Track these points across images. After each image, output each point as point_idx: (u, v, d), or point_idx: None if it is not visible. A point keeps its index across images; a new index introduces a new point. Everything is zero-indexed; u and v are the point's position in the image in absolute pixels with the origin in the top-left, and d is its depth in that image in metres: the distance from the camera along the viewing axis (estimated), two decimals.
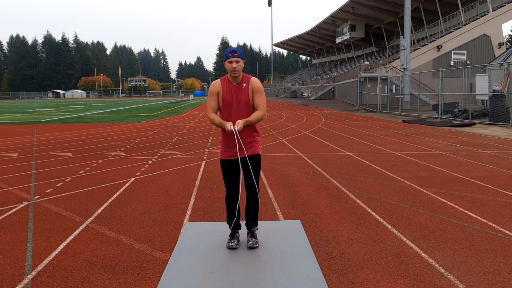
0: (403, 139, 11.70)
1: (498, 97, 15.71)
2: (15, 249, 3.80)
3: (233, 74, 3.42)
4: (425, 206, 5.01)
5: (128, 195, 5.72)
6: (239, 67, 3.40)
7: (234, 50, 3.43)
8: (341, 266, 3.32)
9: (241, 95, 3.46)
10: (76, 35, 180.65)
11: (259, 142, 3.58)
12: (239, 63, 3.40)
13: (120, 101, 67.48)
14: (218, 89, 3.49)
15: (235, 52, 3.41)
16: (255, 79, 3.55)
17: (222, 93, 3.48)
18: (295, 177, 6.73)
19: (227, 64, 3.43)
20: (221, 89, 3.49)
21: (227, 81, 3.51)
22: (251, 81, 3.51)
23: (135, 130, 15.77)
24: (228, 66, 3.42)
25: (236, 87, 3.48)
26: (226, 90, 3.48)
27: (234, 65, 3.38)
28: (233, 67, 3.38)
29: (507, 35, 66.92)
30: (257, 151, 3.54)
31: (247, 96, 3.46)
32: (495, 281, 3.05)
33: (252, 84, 3.49)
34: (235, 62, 3.39)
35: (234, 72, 3.40)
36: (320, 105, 35.03)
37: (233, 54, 3.39)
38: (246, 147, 3.48)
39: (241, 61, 3.42)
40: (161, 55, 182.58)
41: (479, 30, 34.83)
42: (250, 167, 3.47)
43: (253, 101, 3.50)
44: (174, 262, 3.32)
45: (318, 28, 69.14)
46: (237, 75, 3.43)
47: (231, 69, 3.40)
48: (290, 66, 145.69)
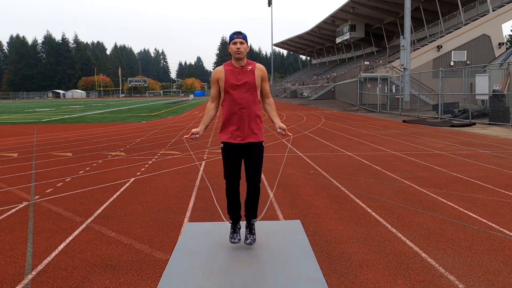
0: (403, 139, 11.70)
1: (498, 97, 15.71)
2: (15, 249, 3.80)
3: (237, 55, 3.34)
4: (425, 206, 5.01)
5: (128, 195, 5.72)
6: (243, 48, 3.35)
7: (239, 32, 3.39)
8: (341, 266, 3.32)
9: (247, 77, 3.38)
10: (76, 35, 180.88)
11: (262, 130, 3.49)
12: (243, 44, 3.35)
13: (120, 101, 67.48)
14: (219, 75, 3.43)
15: (240, 34, 3.37)
16: (261, 65, 3.51)
17: (225, 75, 3.40)
18: (295, 177, 6.73)
19: (231, 46, 3.36)
20: (223, 73, 3.42)
21: (230, 65, 3.44)
22: (258, 66, 3.46)
23: (135, 130, 15.77)
24: (232, 47, 3.35)
25: (240, 70, 3.40)
26: (229, 72, 3.40)
27: (238, 46, 3.32)
28: (237, 47, 3.32)
29: (507, 35, 66.94)
30: (260, 138, 3.45)
31: (253, 78, 3.39)
32: (495, 281, 3.05)
33: (261, 70, 3.46)
34: (239, 43, 3.33)
35: (238, 52, 3.33)
36: (320, 105, 35.04)
37: (237, 35, 3.35)
38: (250, 134, 3.41)
39: (245, 43, 3.37)
40: (161, 55, 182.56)
41: (479, 30, 34.83)
42: (252, 155, 3.42)
43: (262, 89, 3.49)
44: (174, 262, 3.32)
45: (318, 28, 69.13)
46: (242, 56, 3.35)
47: (235, 49, 3.33)
48: (290, 66, 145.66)
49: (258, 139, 3.44)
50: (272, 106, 3.57)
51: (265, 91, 3.52)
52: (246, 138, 3.41)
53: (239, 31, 3.40)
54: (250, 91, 3.39)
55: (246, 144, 3.42)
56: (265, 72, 3.49)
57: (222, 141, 3.47)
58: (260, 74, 3.45)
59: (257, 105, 3.46)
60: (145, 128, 16.61)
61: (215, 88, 3.49)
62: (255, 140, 3.42)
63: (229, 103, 3.40)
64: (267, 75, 3.53)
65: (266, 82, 3.51)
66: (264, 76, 3.48)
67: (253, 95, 3.41)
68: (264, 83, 3.50)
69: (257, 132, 3.44)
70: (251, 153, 3.43)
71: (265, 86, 3.51)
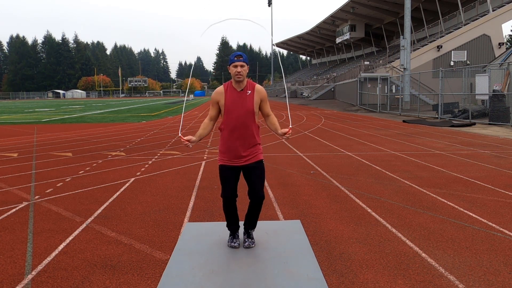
0: (403, 139, 11.70)
1: (498, 97, 15.71)
2: (15, 249, 3.80)
3: (238, 79, 3.37)
4: (425, 206, 5.01)
5: (128, 195, 5.72)
6: (243, 71, 3.36)
7: (240, 54, 3.39)
8: (341, 266, 3.32)
9: (245, 102, 3.41)
10: (76, 35, 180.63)
11: (260, 150, 3.54)
12: (244, 67, 3.37)
13: (120, 101, 67.48)
14: (219, 97, 3.45)
15: (241, 56, 3.38)
16: (260, 86, 3.52)
17: (225, 100, 3.42)
18: (295, 177, 6.73)
19: (231, 68, 3.38)
20: (223, 96, 3.44)
21: (230, 87, 3.46)
22: (257, 89, 3.47)
23: (135, 130, 15.77)
24: (232, 70, 3.37)
25: (239, 94, 3.42)
26: (230, 96, 3.42)
27: (239, 69, 3.34)
28: (237, 71, 3.34)
29: (507, 35, 66.93)
30: (259, 158, 3.49)
31: (251, 104, 3.41)
32: (495, 281, 3.05)
33: (259, 93, 3.47)
34: (240, 66, 3.35)
35: (238, 76, 3.35)
36: (320, 105, 35.04)
37: (238, 58, 3.36)
38: (247, 156, 3.45)
39: (245, 65, 3.39)
40: (161, 55, 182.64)
41: (479, 30, 34.83)
42: (253, 174, 3.44)
43: (262, 110, 3.53)
44: (174, 262, 3.32)
45: (318, 28, 69.13)
46: (242, 79, 3.38)
47: (235, 73, 3.35)
48: (290, 66, 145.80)
49: (256, 158, 3.48)
50: (275, 124, 3.57)
51: (265, 111, 3.54)
52: (244, 161, 3.45)
53: (240, 54, 3.41)
54: (248, 117, 3.42)
55: (244, 166, 3.45)
56: (264, 94, 3.51)
57: (220, 164, 3.51)
58: (259, 97, 3.48)
59: (256, 129, 3.49)
60: (145, 128, 16.61)
61: (215, 108, 3.51)
62: (253, 160, 3.47)
63: (227, 126, 3.43)
64: (266, 95, 3.55)
65: (265, 102, 3.53)
66: (263, 98, 3.50)
67: (251, 119, 3.44)
68: (264, 104, 3.52)
69: (255, 154, 3.48)
70: (252, 173, 3.46)
71: (265, 107, 3.53)
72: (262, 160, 3.51)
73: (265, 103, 3.52)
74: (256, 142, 3.49)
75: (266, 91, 3.56)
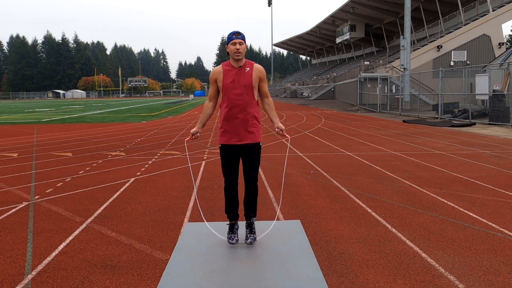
0: (403, 139, 11.70)
1: (498, 97, 15.71)
2: (15, 249, 3.80)
3: (236, 57, 3.35)
4: (425, 206, 5.01)
5: (128, 195, 5.72)
6: (242, 49, 3.35)
7: (238, 32, 3.39)
8: (341, 266, 3.32)
9: (244, 78, 3.40)
10: (76, 35, 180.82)
11: (259, 131, 3.53)
12: (242, 45, 3.35)
13: (120, 101, 67.47)
14: (217, 75, 3.45)
15: (239, 34, 3.37)
16: (259, 65, 3.52)
17: (223, 77, 3.42)
18: (295, 177, 6.73)
19: (230, 46, 3.37)
20: (221, 74, 3.43)
21: (229, 65, 3.45)
22: (255, 67, 3.47)
23: (135, 130, 15.77)
24: (231, 48, 3.36)
25: (238, 70, 3.41)
26: (227, 73, 3.42)
27: (237, 46, 3.33)
28: (236, 48, 3.33)
29: (507, 35, 66.91)
30: (257, 139, 3.49)
31: (250, 79, 3.41)
32: (495, 281, 3.04)
33: (258, 71, 3.47)
34: (238, 44, 3.34)
35: (237, 54, 3.34)
36: (320, 105, 35.03)
37: (236, 36, 3.35)
38: (247, 135, 3.44)
39: (244, 43, 3.38)
40: (161, 55, 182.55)
41: (479, 30, 34.83)
42: (250, 156, 3.45)
43: (261, 89, 3.52)
44: (174, 262, 3.32)
45: (318, 28, 69.14)
46: (240, 57, 3.37)
47: (234, 50, 3.34)
48: (290, 66, 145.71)
49: (255, 140, 3.48)
50: (271, 106, 3.60)
51: (263, 91, 3.55)
52: (243, 139, 3.44)
53: (238, 31, 3.40)
54: (247, 93, 3.41)
55: (243, 145, 3.45)
56: (263, 72, 3.51)
57: (220, 143, 3.52)
58: (258, 74, 3.47)
59: (255, 106, 3.48)
60: (145, 128, 16.61)
61: (213, 87, 3.52)
62: (252, 141, 3.46)
63: (227, 104, 3.42)
64: (266, 75, 3.55)
65: (264, 82, 3.53)
66: (262, 77, 3.50)
67: (251, 96, 3.43)
68: (263, 83, 3.52)
69: (254, 133, 3.47)
70: (248, 154, 3.47)
71: (264, 86, 3.53)
72: (260, 143, 3.52)
73: (263, 83, 3.51)
74: (255, 119, 3.48)
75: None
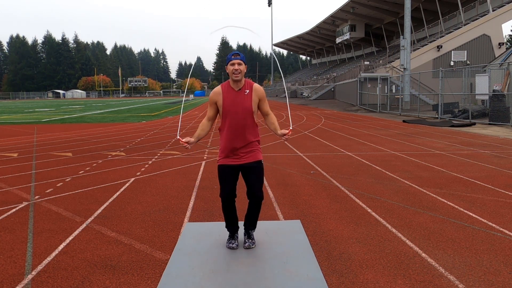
0: (403, 139, 11.70)
1: (498, 97, 15.71)
2: (15, 249, 3.80)
3: (235, 77, 3.34)
4: (425, 206, 5.01)
5: (128, 195, 5.72)
6: (241, 69, 3.34)
7: (237, 52, 3.39)
8: (341, 266, 3.32)
9: (243, 101, 3.39)
10: (76, 35, 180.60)
11: (259, 150, 3.53)
12: (241, 65, 3.34)
13: (120, 101, 67.47)
14: (217, 98, 3.44)
15: (238, 55, 3.37)
16: (258, 85, 3.51)
17: (223, 100, 3.41)
18: (295, 177, 6.73)
19: (229, 67, 3.36)
20: (221, 96, 3.42)
21: (228, 87, 3.44)
22: (255, 88, 3.46)
23: (135, 130, 15.77)
24: (230, 68, 3.35)
25: (237, 93, 3.40)
26: (227, 96, 3.41)
27: (236, 67, 3.32)
28: (235, 69, 3.32)
29: (507, 35, 66.91)
30: (258, 157, 3.48)
31: (249, 103, 3.40)
32: (495, 281, 3.05)
33: (257, 92, 3.45)
34: (237, 64, 3.33)
35: (236, 75, 3.33)
36: (320, 105, 35.04)
37: (235, 56, 3.36)
38: (246, 155, 3.44)
39: (243, 64, 3.37)
40: (161, 55, 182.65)
41: (479, 30, 34.83)
42: (251, 174, 3.44)
43: (261, 109, 3.52)
44: (174, 262, 3.32)
45: (318, 28, 69.13)
46: (239, 78, 3.35)
47: (233, 71, 3.33)
48: (290, 66, 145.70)
49: (255, 158, 3.47)
50: (274, 123, 3.56)
51: (264, 110, 3.54)
52: (243, 159, 3.44)
53: (237, 52, 3.40)
54: (246, 117, 3.40)
55: (243, 164, 3.44)
56: (262, 92, 3.50)
57: (219, 164, 3.51)
58: (258, 96, 3.46)
59: (255, 129, 3.48)
60: (145, 128, 16.61)
61: (212, 108, 3.51)
62: (252, 159, 3.45)
63: (226, 127, 3.43)
64: (265, 94, 3.54)
65: (264, 101, 3.51)
66: (262, 97, 3.49)
67: (250, 120, 3.43)
68: (262, 103, 3.50)
69: (254, 151, 3.47)
70: (250, 173, 3.45)
71: (264, 106, 3.52)
72: (261, 160, 3.50)
73: (263, 102, 3.50)
74: (255, 141, 3.49)
75: (265, 91, 3.56)
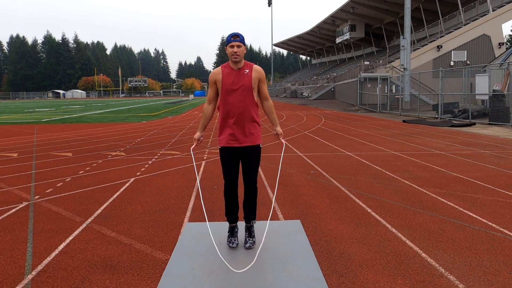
0: (403, 139, 11.70)
1: (498, 97, 15.71)
2: (15, 249, 3.80)
3: (234, 59, 3.34)
4: (425, 206, 5.01)
5: (128, 195, 5.71)
6: (240, 51, 3.33)
7: (236, 34, 3.37)
8: (341, 266, 3.32)
9: (243, 80, 3.38)
10: (76, 35, 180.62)
11: (259, 133, 3.52)
12: (240, 47, 3.34)
13: (120, 101, 67.47)
14: (216, 77, 3.44)
15: (237, 36, 3.35)
16: (258, 66, 3.50)
17: (222, 79, 3.40)
18: (295, 177, 6.73)
19: (228, 48, 3.36)
20: (220, 75, 3.42)
21: (228, 67, 3.44)
22: (255, 68, 3.46)
23: (135, 130, 15.77)
24: (229, 50, 3.35)
25: (237, 72, 3.40)
26: (227, 75, 3.40)
27: (235, 49, 3.31)
28: (234, 51, 3.32)
29: (507, 35, 66.84)
30: (257, 141, 3.48)
31: (249, 81, 3.39)
32: (495, 281, 3.04)
33: (258, 72, 3.45)
34: (236, 47, 3.32)
35: (235, 56, 3.33)
36: (320, 105, 35.03)
37: (235, 38, 3.34)
38: (246, 138, 3.44)
39: (242, 46, 3.36)
40: (161, 55, 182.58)
41: (479, 30, 34.83)
42: (249, 158, 3.44)
43: (260, 91, 3.51)
44: (174, 262, 3.32)
45: (318, 28, 69.13)
46: (239, 59, 3.35)
47: (232, 53, 3.33)
48: (290, 66, 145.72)
49: (254, 142, 3.47)
50: (271, 108, 3.58)
51: (263, 93, 3.53)
52: (243, 142, 3.43)
53: (236, 33, 3.39)
54: (246, 95, 3.39)
55: (243, 147, 3.44)
56: (262, 73, 3.49)
57: (220, 146, 3.50)
58: (257, 76, 3.45)
59: (254, 108, 3.46)
60: (145, 128, 16.61)
61: (213, 89, 3.51)
62: (251, 143, 3.45)
63: (226, 106, 3.41)
64: (265, 76, 3.53)
65: (264, 83, 3.51)
66: (262, 78, 3.48)
67: (250, 98, 3.41)
68: (262, 85, 3.50)
69: (254, 134, 3.46)
70: (248, 156, 3.46)
71: (263, 88, 3.52)
72: (259, 145, 3.51)
73: (263, 84, 3.50)
74: (255, 122, 3.47)
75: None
